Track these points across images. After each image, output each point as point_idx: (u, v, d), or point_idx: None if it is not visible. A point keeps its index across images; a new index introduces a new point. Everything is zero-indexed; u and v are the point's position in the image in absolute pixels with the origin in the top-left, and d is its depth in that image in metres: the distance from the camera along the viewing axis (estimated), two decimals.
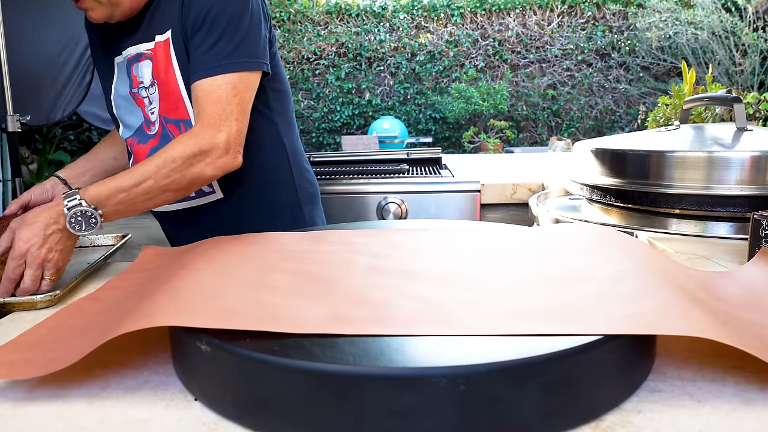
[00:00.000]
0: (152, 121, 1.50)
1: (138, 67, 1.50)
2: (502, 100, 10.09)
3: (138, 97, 1.51)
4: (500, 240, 1.07)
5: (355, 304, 0.74)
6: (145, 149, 1.53)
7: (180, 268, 0.93)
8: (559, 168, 2.94)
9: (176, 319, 0.68)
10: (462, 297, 0.76)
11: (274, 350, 0.60)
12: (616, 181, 1.61)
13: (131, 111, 1.54)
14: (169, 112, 1.48)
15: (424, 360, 0.58)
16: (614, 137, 1.89)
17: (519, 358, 0.57)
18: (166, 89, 1.46)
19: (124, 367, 0.75)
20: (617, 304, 0.71)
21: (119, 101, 1.55)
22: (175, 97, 1.46)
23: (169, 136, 1.49)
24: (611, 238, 1.04)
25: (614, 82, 10.49)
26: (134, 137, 1.55)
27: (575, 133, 10.45)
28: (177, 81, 1.45)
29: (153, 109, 1.50)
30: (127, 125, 1.56)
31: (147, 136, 1.52)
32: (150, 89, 1.49)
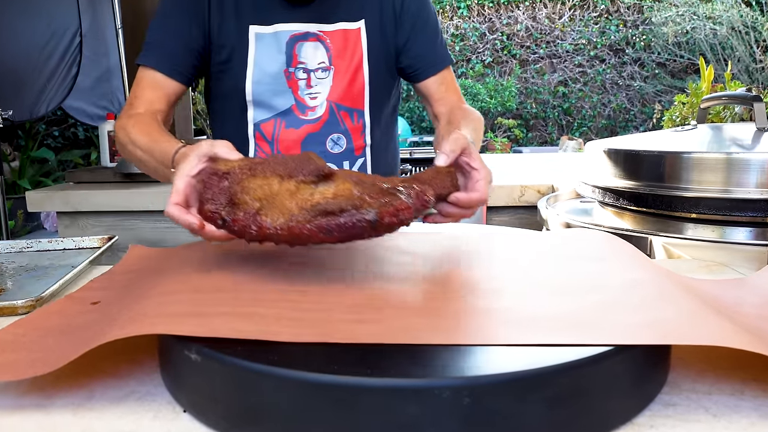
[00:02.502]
0: (311, 106, 1.54)
1: (303, 46, 1.52)
2: (511, 98, 10.09)
3: (293, 78, 1.52)
4: (507, 245, 1.08)
5: (352, 311, 0.74)
6: (297, 134, 1.55)
7: (169, 272, 0.93)
8: (570, 169, 2.94)
9: (165, 326, 0.68)
10: (466, 305, 0.76)
11: (269, 359, 0.60)
12: (630, 183, 1.61)
13: (278, 91, 1.53)
14: (346, 100, 1.54)
15: (426, 371, 0.58)
16: (628, 137, 1.89)
17: (526, 369, 0.57)
18: (349, 78, 1.53)
19: (110, 376, 0.75)
20: (631, 313, 0.71)
21: (262, 77, 1.53)
22: (359, 87, 1.54)
23: (338, 124, 1.55)
24: (623, 247, 1.04)
25: (628, 79, 10.49)
26: (277, 120, 1.55)
27: (587, 133, 10.45)
28: (364, 72, 1.54)
29: (315, 93, 1.53)
30: (267, 106, 1.55)
31: (300, 121, 1.54)
32: (318, 73, 1.52)
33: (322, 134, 1.55)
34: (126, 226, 2.59)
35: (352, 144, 1.58)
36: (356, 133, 1.58)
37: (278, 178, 0.90)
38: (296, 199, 0.86)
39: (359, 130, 1.58)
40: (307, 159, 0.91)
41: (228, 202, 0.90)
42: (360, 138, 1.59)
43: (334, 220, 0.82)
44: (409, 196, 0.89)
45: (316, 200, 0.85)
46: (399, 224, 0.84)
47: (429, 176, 0.99)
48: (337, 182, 0.87)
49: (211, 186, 0.92)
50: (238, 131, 1.58)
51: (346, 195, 0.85)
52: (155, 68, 1.50)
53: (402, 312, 0.74)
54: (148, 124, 1.39)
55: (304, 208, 0.84)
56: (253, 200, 0.88)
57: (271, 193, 0.88)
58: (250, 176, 0.91)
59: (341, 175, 0.89)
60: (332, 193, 0.85)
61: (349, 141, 1.57)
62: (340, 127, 1.56)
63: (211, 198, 0.91)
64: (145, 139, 1.32)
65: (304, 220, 0.83)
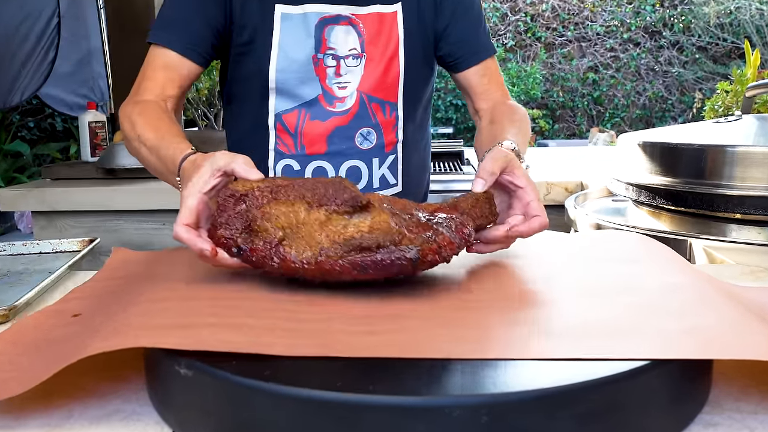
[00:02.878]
0: (339, 96, 1.52)
1: (333, 30, 1.51)
2: (535, 85, 10.08)
3: (321, 65, 1.51)
4: (531, 248, 1.07)
5: (358, 321, 0.74)
6: (323, 127, 1.53)
7: (156, 278, 0.93)
8: (601, 164, 2.93)
9: (149, 339, 0.68)
10: (488, 315, 0.76)
11: (265, 375, 0.60)
12: (668, 180, 1.61)
13: (304, 79, 1.51)
14: (378, 92, 1.53)
15: (438, 387, 0.58)
16: (665, 129, 1.88)
17: (551, 386, 0.57)
18: (383, 66, 1.51)
19: (90, 394, 0.75)
20: (668, 323, 0.71)
21: (287, 63, 1.50)
22: (393, 77, 1.53)
23: (369, 118, 1.53)
24: (660, 250, 1.03)
25: (666, 64, 10.47)
26: (301, 110, 1.54)
27: (620, 124, 10.43)
28: (399, 60, 1.52)
29: (344, 83, 1.52)
30: (291, 95, 1.53)
31: (327, 113, 1.53)
32: (349, 60, 1.51)
33: (351, 128, 1.54)
34: (108, 227, 2.60)
35: (383, 139, 1.56)
36: (388, 128, 1.57)
37: (305, 205, 0.89)
38: (327, 230, 0.86)
39: (391, 125, 1.57)
40: (340, 185, 0.90)
41: (245, 228, 0.90)
42: (392, 133, 1.57)
43: (370, 257, 0.82)
44: (451, 229, 0.89)
45: (350, 234, 0.84)
46: (441, 261, 0.85)
47: (467, 204, 0.99)
48: (373, 214, 0.87)
49: (226, 208, 0.92)
50: (257, 121, 1.56)
51: (383, 229, 0.84)
52: (168, 47, 1.47)
53: (416, 323, 0.74)
54: (157, 116, 1.36)
55: (336, 241, 0.84)
56: (276, 228, 0.88)
57: (297, 221, 0.88)
58: (271, 200, 0.91)
59: (377, 206, 0.89)
60: (368, 227, 0.85)
61: (380, 136, 1.56)
62: (371, 121, 1.55)
63: (225, 222, 0.91)
64: (152, 135, 1.30)
65: (336, 255, 0.83)
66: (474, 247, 1.04)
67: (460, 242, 0.89)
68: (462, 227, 0.91)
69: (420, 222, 0.89)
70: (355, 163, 1.53)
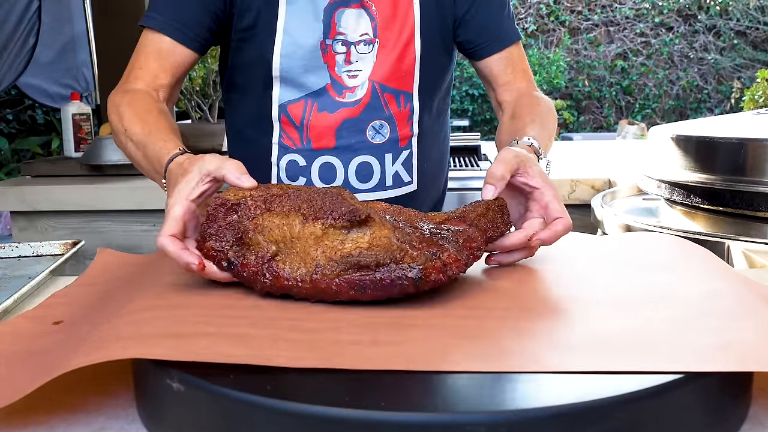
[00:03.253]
0: (349, 86, 1.52)
1: (344, 14, 1.50)
2: (559, 74, 10.07)
3: (329, 52, 1.50)
4: (554, 251, 1.07)
5: (366, 331, 0.74)
6: (332, 119, 1.52)
7: (145, 283, 0.93)
8: (631, 160, 2.93)
9: (138, 349, 0.69)
10: (506, 324, 0.76)
11: (265, 389, 0.60)
12: (704, 177, 1.61)
13: (311, 67, 1.51)
14: (392, 81, 1.52)
15: (456, 403, 0.58)
16: (701, 121, 1.88)
17: (576, 402, 0.57)
18: (397, 53, 1.50)
19: (75, 410, 0.76)
20: (703, 333, 0.71)
21: (293, 49, 1.50)
22: (408, 65, 1.51)
23: (382, 109, 1.52)
24: (696, 252, 1.03)
25: (701, 51, 10.44)
26: (307, 101, 1.53)
27: (651, 116, 10.41)
28: (415, 46, 1.51)
29: (355, 71, 1.51)
30: (296, 84, 1.52)
31: (336, 104, 1.52)
32: (360, 47, 1.50)
33: (362, 120, 1.53)
34: (94, 228, 2.61)
35: (396, 133, 1.55)
36: (402, 121, 1.56)
37: (300, 217, 0.89)
38: (323, 246, 0.86)
39: (406, 117, 1.56)
40: (338, 197, 0.90)
41: (236, 241, 0.90)
42: (406, 126, 1.56)
43: (368, 276, 0.82)
44: (458, 243, 0.89)
45: (347, 250, 0.85)
46: (446, 281, 0.84)
47: (476, 214, 0.98)
48: (373, 228, 0.87)
49: (216, 218, 0.92)
50: (260, 112, 1.56)
51: (383, 245, 0.84)
52: (162, 31, 1.46)
53: (427, 333, 0.74)
54: (146, 108, 1.36)
55: (333, 258, 0.84)
56: (269, 242, 0.88)
57: (292, 235, 0.88)
58: (265, 211, 0.91)
59: (378, 220, 0.88)
60: (367, 243, 0.85)
61: (393, 129, 1.55)
62: (384, 113, 1.54)
63: (215, 233, 0.91)
64: (139, 129, 1.30)
65: (332, 274, 0.83)
66: (494, 258, 1.04)
67: (467, 259, 0.89)
68: (470, 241, 0.91)
69: (424, 236, 0.88)
70: (366, 158, 1.52)
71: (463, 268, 0.87)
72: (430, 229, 0.92)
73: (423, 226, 0.92)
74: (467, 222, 0.96)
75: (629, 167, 2.63)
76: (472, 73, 10.43)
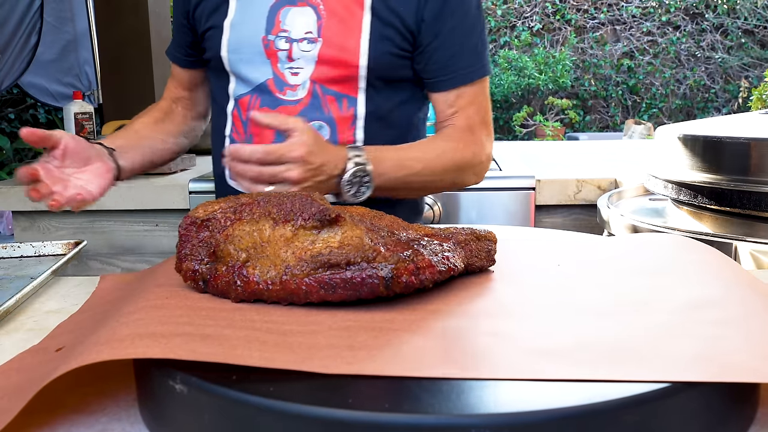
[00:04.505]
0: (291, 84, 1.54)
1: (289, 12, 1.53)
2: (564, 73, 10.06)
3: (272, 48, 1.53)
4: (554, 253, 1.07)
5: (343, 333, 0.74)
6: None
7: (137, 291, 0.93)
8: (637, 160, 2.93)
9: (111, 351, 0.68)
10: (486, 329, 0.76)
11: (270, 391, 0.60)
12: (711, 177, 1.60)
13: (254, 62, 1.55)
14: (333, 84, 1.53)
15: (458, 405, 0.58)
16: (708, 121, 1.88)
17: (580, 404, 0.57)
18: (339, 57, 1.51)
19: (76, 411, 0.76)
20: (691, 342, 0.70)
21: (238, 44, 1.56)
22: (349, 69, 1.52)
23: (322, 110, 1.54)
24: (705, 253, 1.03)
25: (708, 50, 10.43)
26: (253, 96, 1.58)
27: (658, 115, 10.40)
28: (359, 51, 1.50)
29: (296, 69, 1.53)
30: (244, 78, 1.58)
31: (277, 100, 1.55)
32: (303, 44, 1.51)
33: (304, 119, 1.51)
34: (96, 228, 2.61)
35: (336, 137, 1.55)
36: (344, 125, 1.56)
37: (271, 221, 0.89)
38: (292, 247, 0.85)
39: (348, 122, 1.56)
40: (307, 199, 0.89)
41: (209, 256, 0.90)
42: (348, 131, 1.56)
43: (338, 274, 0.81)
44: (434, 254, 0.87)
45: (317, 249, 0.84)
46: (418, 285, 0.83)
47: (464, 239, 0.97)
48: (345, 228, 0.86)
49: (189, 238, 0.92)
50: (221, 105, 1.67)
51: (355, 244, 0.83)
52: (169, 57, 1.76)
53: (407, 337, 0.74)
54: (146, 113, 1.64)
55: (303, 258, 0.83)
56: (239, 251, 0.87)
57: (262, 240, 0.87)
58: (235, 221, 0.91)
59: (350, 220, 0.87)
60: (338, 242, 0.84)
61: (333, 132, 1.55)
62: (324, 114, 1.55)
63: (190, 253, 0.91)
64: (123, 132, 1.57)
65: (302, 274, 0.82)
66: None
67: (442, 268, 0.87)
68: (449, 257, 0.89)
69: (400, 241, 0.87)
70: None
71: (436, 275, 0.85)
72: (407, 236, 0.91)
73: (401, 234, 0.92)
74: (452, 241, 0.95)
75: (636, 167, 2.63)
76: None
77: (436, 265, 0.85)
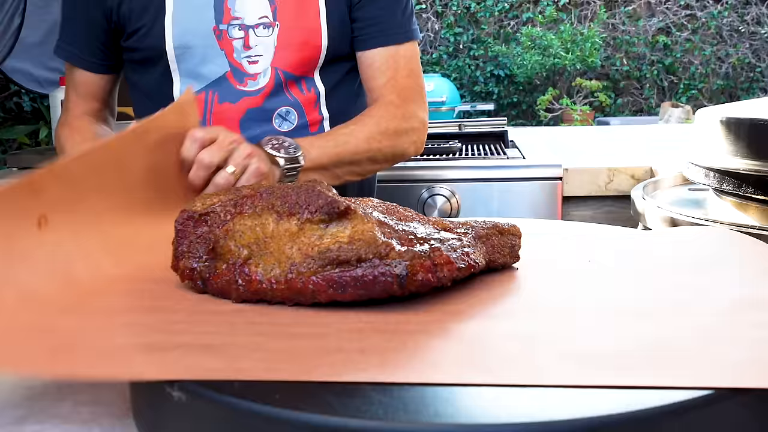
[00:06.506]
0: (251, 73, 1.55)
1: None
2: (593, 51, 10.04)
3: (225, 38, 1.53)
4: (584, 248, 1.07)
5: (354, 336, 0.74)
6: (235, 110, 1.57)
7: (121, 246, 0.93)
8: (675, 146, 2.92)
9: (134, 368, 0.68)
10: (510, 331, 0.76)
11: (275, 399, 0.60)
12: (757, 164, 1.60)
13: (207, 56, 1.55)
14: (296, 67, 1.56)
15: (483, 414, 0.58)
16: (753, 102, 1.87)
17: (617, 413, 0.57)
18: (302, 39, 1.54)
19: (66, 420, 0.76)
20: (738, 346, 0.70)
21: (185, 39, 1.55)
22: (313, 48, 1.56)
23: (286, 95, 1.57)
24: (753, 247, 1.03)
25: (753, 24, 10.39)
26: (209, 92, 1.58)
27: (697, 97, 10.37)
28: (321, 29, 1.55)
29: (256, 57, 1.54)
30: (196, 75, 1.57)
31: (238, 92, 1.56)
32: (259, 30, 1.53)
33: (267, 110, 1.57)
34: None
35: (305, 118, 1.60)
36: (309, 105, 1.60)
37: (274, 215, 0.88)
38: (298, 243, 0.84)
39: (312, 102, 1.60)
40: (313, 190, 0.88)
41: (208, 253, 0.89)
42: (314, 110, 1.61)
43: (348, 272, 0.80)
44: (452, 249, 0.86)
45: (325, 245, 0.83)
46: (435, 283, 0.82)
47: (486, 233, 0.96)
48: (355, 222, 0.85)
49: (186, 234, 0.91)
50: None
51: (366, 239, 0.82)
52: (69, 61, 1.62)
53: (422, 340, 0.74)
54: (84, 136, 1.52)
55: (310, 255, 0.82)
56: (240, 247, 0.87)
57: (265, 235, 0.87)
58: (236, 215, 0.90)
59: (360, 213, 0.87)
60: (348, 237, 0.83)
61: (301, 115, 1.59)
62: (289, 99, 1.58)
63: (187, 251, 0.90)
64: None
65: (309, 271, 0.81)
66: None
67: (462, 265, 0.85)
68: (468, 253, 0.88)
69: (416, 236, 0.87)
70: None
71: (455, 273, 0.84)
72: (423, 231, 0.90)
73: (417, 227, 0.91)
74: (471, 234, 0.94)
75: (673, 154, 2.62)
76: (498, 52, 10.41)
77: (455, 262, 0.84)
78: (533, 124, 9.88)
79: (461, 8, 10.57)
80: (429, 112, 1.71)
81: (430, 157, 2.64)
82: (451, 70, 10.56)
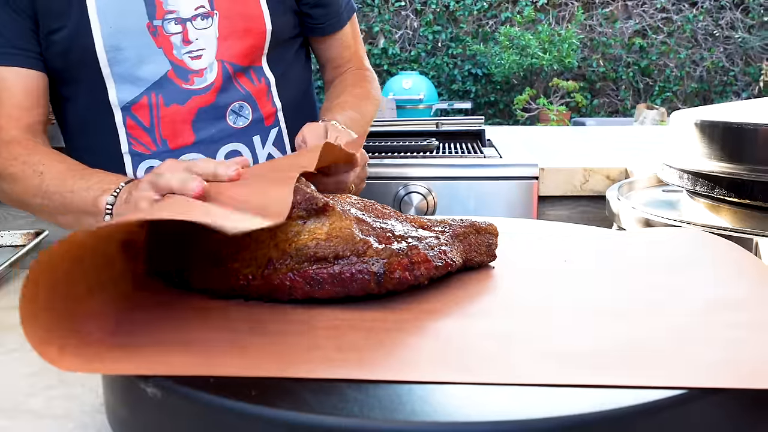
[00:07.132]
0: (195, 69, 1.46)
1: None
2: (571, 52, 10.06)
3: (161, 34, 1.43)
4: (558, 247, 1.07)
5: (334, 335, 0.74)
6: (184, 111, 1.47)
7: None
8: (649, 148, 2.93)
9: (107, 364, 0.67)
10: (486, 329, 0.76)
11: (251, 396, 0.60)
12: (730, 167, 1.61)
13: (144, 55, 1.44)
14: (242, 57, 1.49)
15: (457, 412, 0.58)
16: (727, 105, 1.88)
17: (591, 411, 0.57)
18: (244, 27, 1.47)
19: (38, 415, 0.75)
20: (712, 346, 0.70)
21: (115, 40, 1.41)
22: (257, 36, 1.49)
23: (237, 89, 1.50)
24: (726, 250, 1.03)
25: (727, 28, 10.45)
26: (151, 95, 1.46)
27: (672, 100, 10.42)
28: (263, 13, 1.48)
29: (198, 52, 1.45)
30: (132, 78, 1.44)
31: (185, 92, 1.46)
32: (197, 22, 1.44)
33: (219, 106, 1.49)
34: None
35: (260, 112, 1.54)
36: (262, 97, 1.55)
37: None
38: (276, 239, 0.84)
39: (264, 92, 1.55)
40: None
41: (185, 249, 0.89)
42: (268, 102, 1.56)
43: (325, 269, 0.80)
44: (430, 248, 0.87)
45: (303, 242, 0.83)
46: (412, 281, 0.82)
47: (463, 232, 0.96)
48: (333, 219, 0.85)
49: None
50: (100, 120, 1.48)
51: (344, 236, 0.83)
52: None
53: (400, 337, 0.73)
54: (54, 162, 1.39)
55: (287, 251, 0.82)
56: (217, 242, 0.86)
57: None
58: None
59: (339, 210, 0.87)
60: (325, 234, 0.83)
61: (255, 108, 1.53)
62: (241, 93, 1.51)
63: None
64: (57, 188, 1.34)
65: (286, 268, 0.81)
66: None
67: (439, 264, 0.86)
68: (446, 251, 0.89)
69: (394, 234, 0.87)
70: (234, 146, 1.51)
71: (433, 271, 0.85)
72: (401, 228, 0.90)
73: (395, 225, 0.91)
74: (449, 234, 0.94)
75: (648, 156, 2.63)
76: (476, 51, 10.42)
77: (432, 260, 0.85)
78: (510, 123, 9.90)
79: (440, 6, 10.57)
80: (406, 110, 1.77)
81: (407, 155, 2.64)
82: (429, 68, 10.56)
